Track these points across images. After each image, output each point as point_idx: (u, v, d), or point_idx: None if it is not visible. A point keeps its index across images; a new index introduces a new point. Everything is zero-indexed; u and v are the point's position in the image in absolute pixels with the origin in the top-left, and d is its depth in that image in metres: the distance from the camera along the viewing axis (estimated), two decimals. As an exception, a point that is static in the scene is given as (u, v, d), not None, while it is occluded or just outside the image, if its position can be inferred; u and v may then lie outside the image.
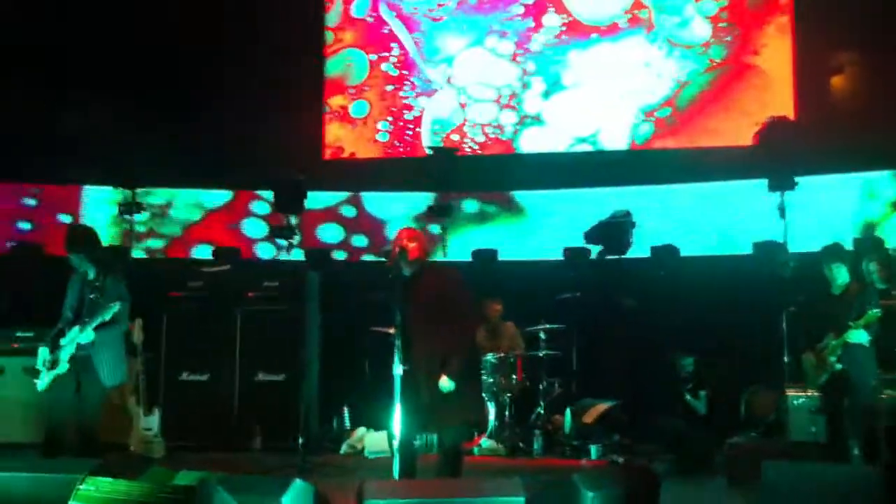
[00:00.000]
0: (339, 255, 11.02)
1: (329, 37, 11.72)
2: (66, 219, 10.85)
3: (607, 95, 11.10)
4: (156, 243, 10.92)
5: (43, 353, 6.44)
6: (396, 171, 11.27)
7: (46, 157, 10.29)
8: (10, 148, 10.19)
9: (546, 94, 11.21)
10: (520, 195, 11.17)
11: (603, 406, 8.81)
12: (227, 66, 11.08)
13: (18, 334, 9.14)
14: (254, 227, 11.26)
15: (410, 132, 11.43)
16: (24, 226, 10.98)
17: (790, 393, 7.93)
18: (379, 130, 11.47)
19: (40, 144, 10.29)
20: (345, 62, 11.63)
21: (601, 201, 10.34)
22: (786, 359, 8.27)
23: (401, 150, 11.46)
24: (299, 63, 11.45)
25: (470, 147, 11.34)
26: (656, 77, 10.99)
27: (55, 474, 5.32)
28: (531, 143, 11.26)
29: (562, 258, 10.31)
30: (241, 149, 10.71)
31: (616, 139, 11.07)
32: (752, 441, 8.09)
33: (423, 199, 10.33)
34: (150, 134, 10.13)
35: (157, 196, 10.97)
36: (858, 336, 6.46)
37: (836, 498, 5.19)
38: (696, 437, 8.36)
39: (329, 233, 11.29)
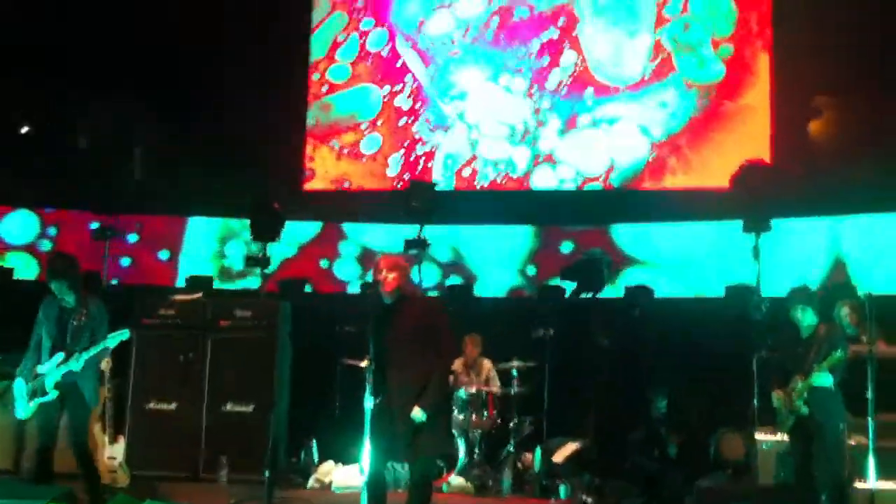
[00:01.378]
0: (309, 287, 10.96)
1: (346, 72, 11.71)
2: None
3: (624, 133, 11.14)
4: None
5: (19, 384, 6.44)
6: (376, 203, 11.27)
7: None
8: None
9: (561, 133, 11.22)
10: (495, 229, 11.19)
11: (574, 445, 8.77)
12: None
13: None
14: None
15: (421, 166, 11.44)
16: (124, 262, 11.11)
17: (759, 436, 7.93)
18: (388, 165, 11.45)
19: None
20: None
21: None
22: (756, 402, 8.27)
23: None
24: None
25: (481, 184, 11.36)
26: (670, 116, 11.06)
27: (24, 501, 5.25)
28: (544, 180, 11.24)
29: (536, 294, 10.33)
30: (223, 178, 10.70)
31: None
32: (721, 483, 8.07)
33: (402, 232, 10.31)
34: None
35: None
36: (823, 379, 6.42)
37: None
38: (667, 478, 8.34)
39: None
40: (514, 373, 9.15)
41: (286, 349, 9.24)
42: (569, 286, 9.66)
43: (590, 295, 9.58)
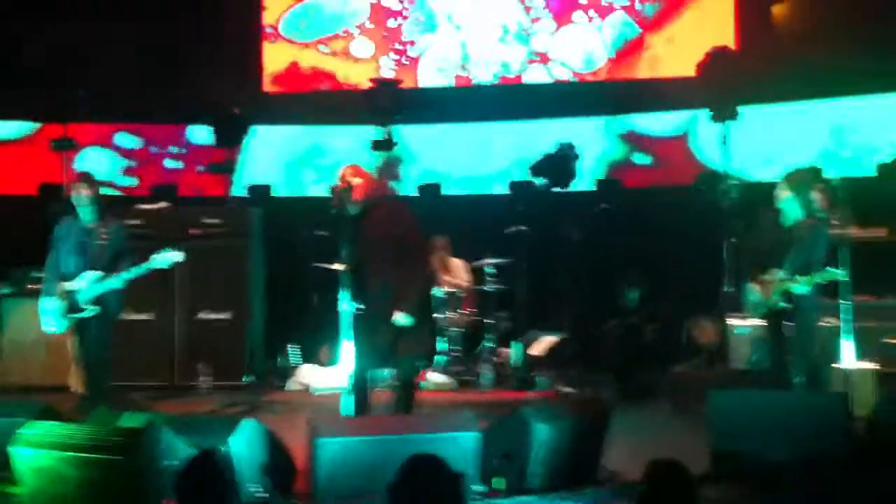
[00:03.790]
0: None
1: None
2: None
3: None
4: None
5: (45, 301, 6.54)
6: (341, 104, 11.06)
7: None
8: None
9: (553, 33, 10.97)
10: (465, 126, 11.06)
11: (550, 339, 8.89)
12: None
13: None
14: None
15: (411, 66, 11.14)
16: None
17: (732, 322, 8.05)
18: (381, 67, 11.13)
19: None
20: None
21: (546, 133, 10.30)
22: (726, 288, 8.38)
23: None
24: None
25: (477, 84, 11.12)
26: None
27: (-1, 419, 5.21)
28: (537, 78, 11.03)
29: (508, 192, 10.29)
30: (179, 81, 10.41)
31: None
32: (695, 369, 8.23)
33: (368, 133, 10.16)
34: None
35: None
36: (802, 288, 6.32)
37: (780, 424, 5.31)
38: (642, 367, 8.49)
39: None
40: (489, 269, 9.19)
41: (258, 254, 9.20)
42: (539, 181, 9.62)
43: (560, 188, 9.56)
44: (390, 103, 9.82)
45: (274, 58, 11.34)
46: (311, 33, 11.30)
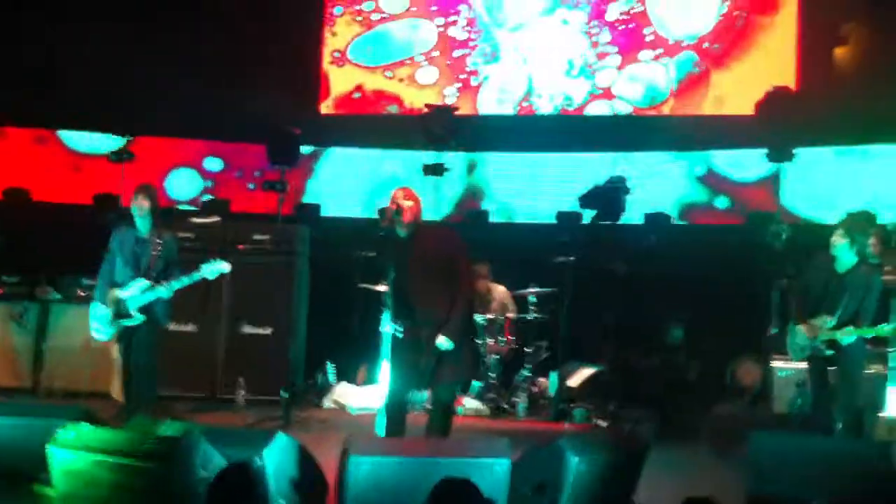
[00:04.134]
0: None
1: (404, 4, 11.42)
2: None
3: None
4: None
5: (96, 307, 6.75)
6: (393, 128, 11.14)
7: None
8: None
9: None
10: (518, 157, 11.07)
11: (589, 370, 8.81)
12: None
13: (3, 279, 9.11)
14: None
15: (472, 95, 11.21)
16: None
17: (776, 364, 7.93)
18: (446, 96, 11.22)
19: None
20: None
21: (597, 166, 10.27)
22: (774, 330, 8.25)
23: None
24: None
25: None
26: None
27: (37, 419, 5.30)
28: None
29: (555, 221, 10.26)
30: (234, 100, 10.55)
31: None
32: (736, 411, 8.10)
33: (419, 158, 10.21)
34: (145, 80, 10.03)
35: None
36: (849, 339, 6.24)
37: (821, 469, 5.20)
38: (682, 405, 8.38)
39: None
40: (532, 299, 9.17)
41: (304, 272, 9.28)
42: (588, 213, 9.58)
43: (608, 221, 9.50)
44: (444, 129, 9.86)
45: (340, 81, 11.46)
46: (378, 59, 11.43)
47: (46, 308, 8.95)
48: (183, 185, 11.09)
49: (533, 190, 10.99)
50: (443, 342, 5.65)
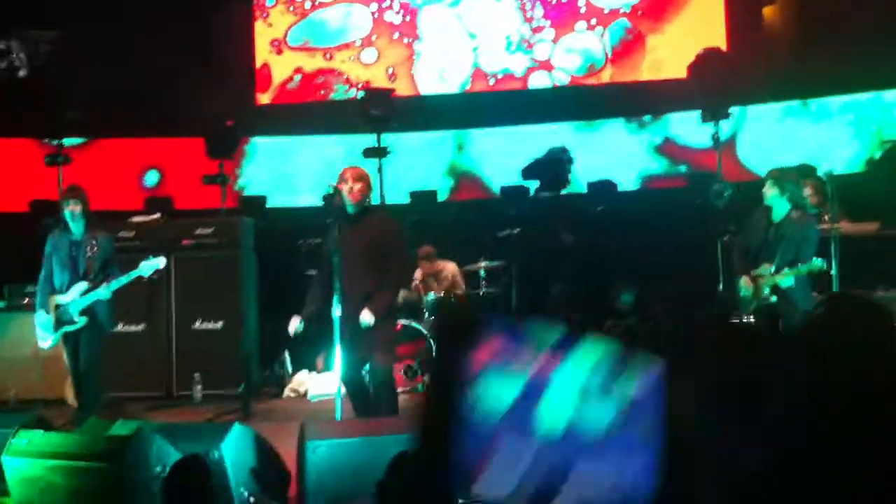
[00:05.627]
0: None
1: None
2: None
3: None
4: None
5: (40, 315, 6.68)
6: (332, 113, 11.10)
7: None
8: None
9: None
10: (458, 133, 11.09)
11: (544, 341, 8.86)
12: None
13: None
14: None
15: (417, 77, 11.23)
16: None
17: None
18: (391, 75, 11.20)
19: None
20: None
21: (536, 138, 10.31)
22: (721, 287, 8.37)
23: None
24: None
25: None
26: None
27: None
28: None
29: (500, 196, 10.31)
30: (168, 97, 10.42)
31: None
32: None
33: (358, 142, 10.18)
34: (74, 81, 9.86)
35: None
36: (788, 281, 6.35)
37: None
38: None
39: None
40: (482, 273, 9.20)
41: (250, 264, 9.21)
42: (531, 184, 9.63)
43: (552, 192, 9.55)
44: (383, 111, 9.83)
45: (281, 68, 11.46)
46: (316, 44, 11.41)
47: (-8, 318, 8.81)
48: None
49: (479, 166, 11.03)
50: (364, 318, 5.70)
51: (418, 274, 9.15)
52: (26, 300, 8.67)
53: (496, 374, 2.32)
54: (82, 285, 6.57)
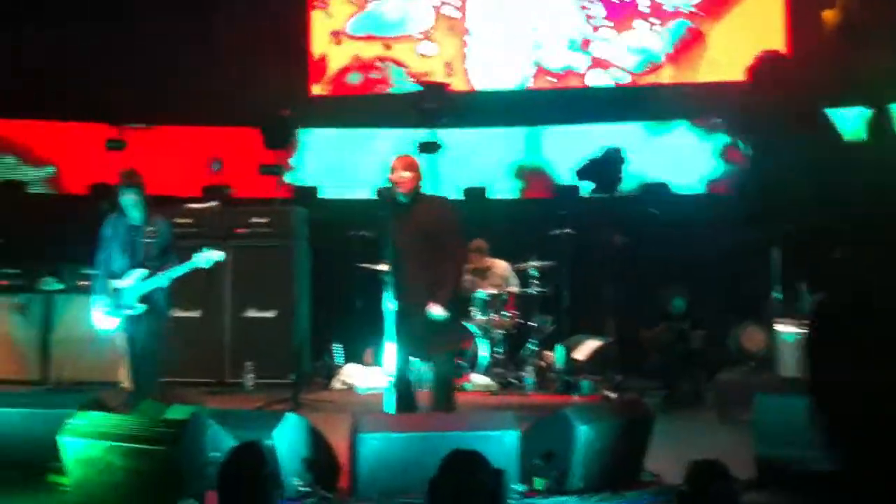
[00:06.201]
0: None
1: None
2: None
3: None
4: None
5: (96, 300, 6.67)
6: (387, 106, 11.13)
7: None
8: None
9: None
10: (512, 131, 11.06)
11: (595, 342, 8.84)
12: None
13: (4, 272, 9.12)
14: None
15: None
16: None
17: (780, 328, 7.93)
18: (448, 69, 11.19)
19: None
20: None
21: (592, 138, 10.25)
22: (776, 294, 8.26)
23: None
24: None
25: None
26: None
27: (47, 409, 5.33)
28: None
29: (552, 194, 10.27)
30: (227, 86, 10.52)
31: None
32: (741, 376, 8.12)
33: (411, 136, 10.20)
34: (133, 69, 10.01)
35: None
36: None
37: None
38: (687, 373, 8.40)
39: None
40: (533, 272, 9.18)
41: (303, 255, 9.29)
42: (585, 185, 9.58)
43: (606, 193, 9.49)
44: (437, 106, 9.83)
45: (338, 57, 11.47)
46: (377, 33, 11.46)
47: (50, 299, 8.97)
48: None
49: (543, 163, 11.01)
50: (435, 310, 5.68)
51: (469, 269, 9.14)
52: (83, 282, 8.81)
53: None
54: (141, 272, 6.59)
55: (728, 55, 10.51)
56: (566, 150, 10.58)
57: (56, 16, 10.35)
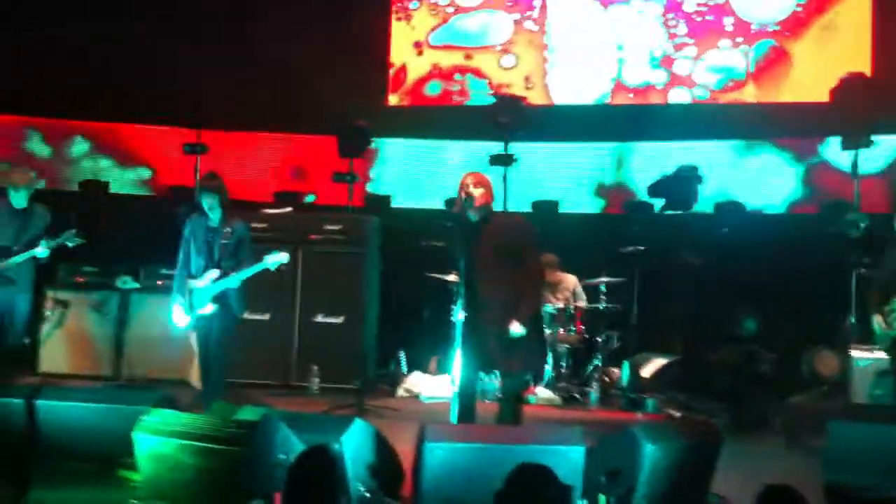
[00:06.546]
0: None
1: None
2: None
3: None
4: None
5: (175, 298, 6.88)
6: (461, 118, 11.18)
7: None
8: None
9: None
10: (590, 146, 11.02)
11: (661, 361, 8.75)
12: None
13: (84, 269, 9.36)
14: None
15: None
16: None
17: (855, 354, 7.78)
18: (528, 82, 11.26)
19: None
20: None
21: (667, 156, 10.18)
22: (852, 319, 8.12)
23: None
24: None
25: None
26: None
27: (121, 405, 5.44)
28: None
29: (624, 211, 10.20)
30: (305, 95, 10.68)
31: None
32: (813, 401, 7.97)
33: (483, 149, 10.23)
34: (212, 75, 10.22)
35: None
36: None
37: (902, 461, 5.11)
38: (756, 395, 8.27)
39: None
40: (602, 288, 9.14)
41: (374, 262, 9.37)
42: (658, 202, 9.51)
43: (679, 210, 9.42)
44: (512, 119, 9.86)
45: (418, 68, 11.57)
46: (458, 44, 11.55)
47: (126, 298, 9.17)
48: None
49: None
50: (515, 328, 5.67)
51: (539, 283, 9.13)
52: (160, 282, 9.01)
53: None
54: (214, 272, 6.76)
55: (812, 75, 10.33)
56: (647, 166, 10.49)
57: (142, 21, 10.66)
